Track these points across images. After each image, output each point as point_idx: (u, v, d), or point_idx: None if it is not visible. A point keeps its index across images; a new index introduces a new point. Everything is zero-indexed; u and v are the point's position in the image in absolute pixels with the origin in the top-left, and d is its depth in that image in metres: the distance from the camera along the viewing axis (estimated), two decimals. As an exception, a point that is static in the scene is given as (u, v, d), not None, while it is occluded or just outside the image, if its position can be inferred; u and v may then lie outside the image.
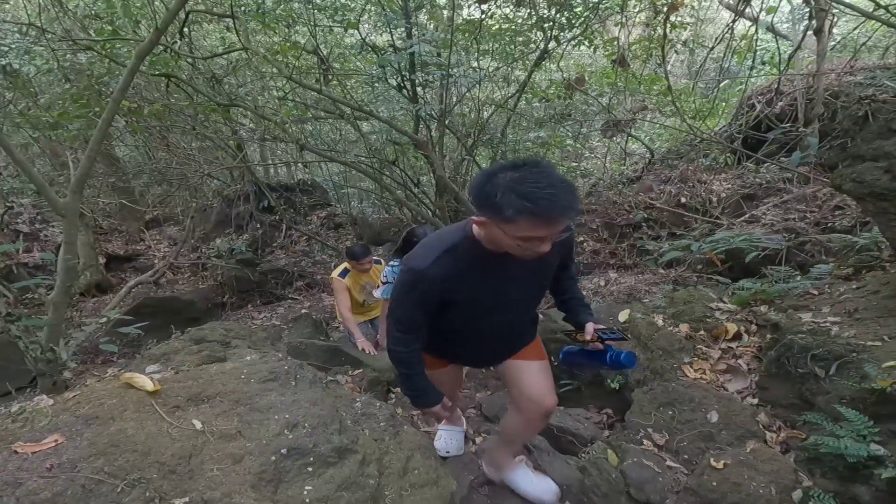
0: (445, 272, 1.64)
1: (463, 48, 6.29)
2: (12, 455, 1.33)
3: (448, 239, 1.70)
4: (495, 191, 1.40)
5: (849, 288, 3.02)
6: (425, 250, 1.70)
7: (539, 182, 1.38)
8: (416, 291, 1.70)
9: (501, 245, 1.53)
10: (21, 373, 3.84)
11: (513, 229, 1.43)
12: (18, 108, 5.24)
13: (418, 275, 1.66)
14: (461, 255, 1.66)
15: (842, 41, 7.31)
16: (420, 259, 1.67)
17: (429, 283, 1.65)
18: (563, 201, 1.38)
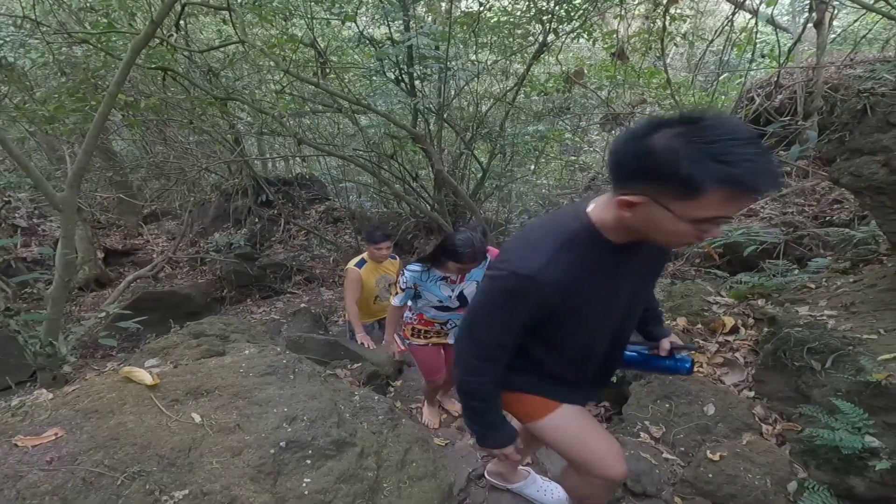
0: (566, 275, 1.23)
1: (461, 41, 6.26)
2: (13, 448, 1.34)
3: (562, 229, 1.28)
4: (672, 155, 0.99)
5: (846, 281, 3.04)
6: (531, 246, 1.28)
7: (733, 138, 0.98)
8: (520, 303, 1.27)
9: (659, 230, 1.12)
10: (21, 367, 3.85)
11: (695, 207, 1.02)
12: (14, 101, 5.22)
13: (527, 281, 1.22)
14: (583, 251, 1.25)
15: (842, 34, 7.29)
16: (527, 259, 1.24)
17: (541, 292, 1.23)
18: (768, 164, 0.99)
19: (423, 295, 2.78)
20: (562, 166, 9.36)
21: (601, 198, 1.27)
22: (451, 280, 2.70)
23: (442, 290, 2.73)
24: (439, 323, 2.93)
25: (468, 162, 7.96)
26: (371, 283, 4.10)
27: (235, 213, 8.97)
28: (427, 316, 2.89)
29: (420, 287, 2.74)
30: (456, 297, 2.77)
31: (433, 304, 2.80)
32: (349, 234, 8.77)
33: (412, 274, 2.72)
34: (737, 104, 6.98)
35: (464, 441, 2.89)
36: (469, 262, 2.48)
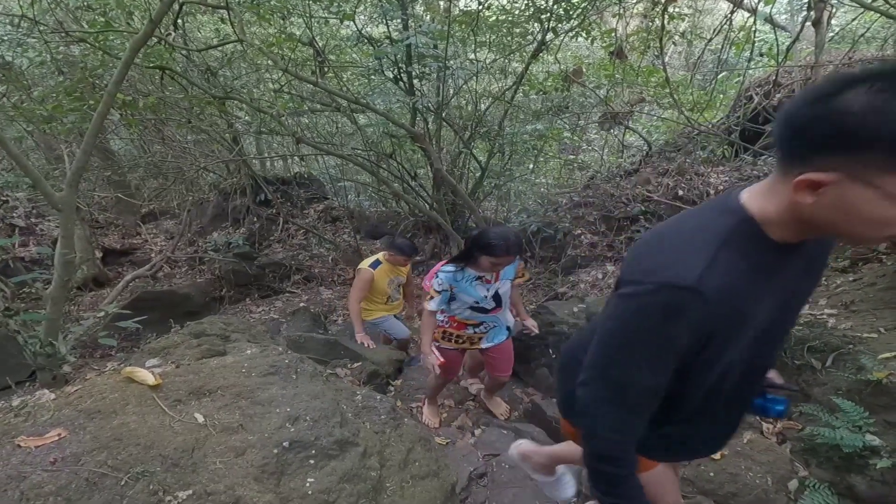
0: (733, 282, 0.93)
1: (460, 40, 6.24)
2: (16, 449, 1.34)
3: (713, 226, 0.97)
4: (879, 115, 0.75)
5: (846, 280, 3.04)
6: (678, 250, 0.97)
7: None
8: (677, 326, 0.94)
9: (854, 219, 0.84)
10: (20, 367, 3.84)
11: None
12: (12, 101, 5.20)
13: (686, 293, 0.91)
14: (744, 252, 0.95)
15: (840, 32, 7.30)
16: (680, 265, 0.93)
17: (706, 307, 0.92)
18: None
19: (457, 296, 2.76)
20: (561, 165, 9.35)
21: (758, 185, 0.98)
22: (486, 279, 2.70)
23: (477, 289, 2.72)
24: (472, 325, 2.90)
25: (467, 161, 7.95)
26: (383, 284, 4.11)
27: (234, 213, 8.95)
28: (461, 316, 2.86)
29: (455, 288, 2.72)
30: (491, 297, 2.77)
31: (469, 305, 2.79)
32: (348, 234, 8.76)
33: (447, 275, 2.67)
34: (735, 103, 7.00)
35: (464, 440, 2.90)
36: (503, 256, 2.50)
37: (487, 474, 2.51)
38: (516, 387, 3.89)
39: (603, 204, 6.23)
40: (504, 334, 3.05)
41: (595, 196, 6.49)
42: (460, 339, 2.96)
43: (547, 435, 2.88)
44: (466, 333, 2.93)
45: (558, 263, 6.05)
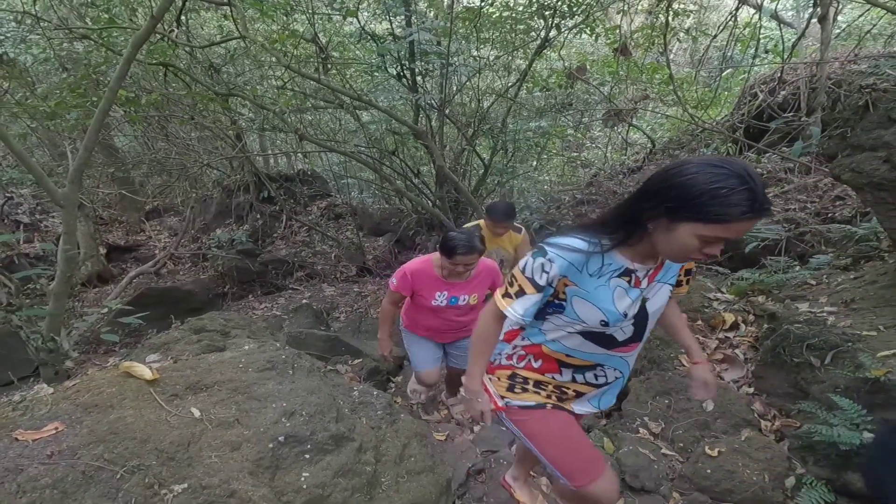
0: None
1: (463, 36, 6.24)
2: (13, 442, 1.35)
3: None
4: None
5: (847, 278, 3.03)
6: None
7: None
8: None
9: None
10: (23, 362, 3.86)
11: None
12: (16, 97, 5.23)
13: None
14: None
15: (846, 29, 7.25)
16: None
17: None
18: None
19: (569, 305, 1.42)
20: (564, 162, 9.35)
21: None
22: (637, 279, 1.38)
23: (616, 296, 1.38)
24: (576, 367, 1.55)
25: (470, 158, 7.96)
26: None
27: (237, 210, 8.98)
28: (556, 347, 1.52)
29: (573, 287, 1.39)
30: (633, 316, 1.43)
31: (583, 328, 1.44)
32: (351, 231, 8.78)
33: (562, 256, 1.36)
34: (740, 100, 6.96)
35: (463, 436, 2.91)
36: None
37: (485, 470, 2.52)
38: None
39: (606, 201, 6.22)
40: (615, 395, 1.72)
41: (598, 193, 6.49)
42: (542, 388, 1.61)
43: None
44: (558, 380, 1.58)
45: (560, 261, 6.04)
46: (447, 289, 2.74)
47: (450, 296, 2.76)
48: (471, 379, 1.59)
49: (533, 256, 1.40)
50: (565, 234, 1.41)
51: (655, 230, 1.25)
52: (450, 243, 2.51)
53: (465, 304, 2.80)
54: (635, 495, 2.26)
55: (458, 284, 2.75)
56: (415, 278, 2.72)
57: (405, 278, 2.73)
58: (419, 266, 2.74)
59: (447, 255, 2.54)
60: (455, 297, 2.77)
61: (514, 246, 3.65)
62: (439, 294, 2.75)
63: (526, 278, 1.41)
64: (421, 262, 2.76)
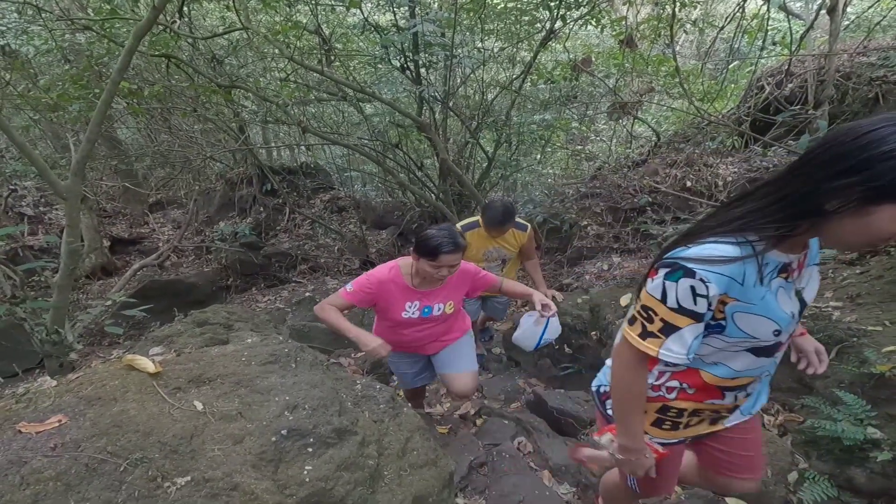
0: None
1: (467, 28, 6.19)
2: (17, 435, 1.36)
3: None
4: None
5: (852, 273, 3.01)
6: None
7: None
8: None
9: None
10: (28, 354, 3.89)
11: None
12: (18, 89, 5.23)
13: None
14: None
15: (856, 20, 7.17)
16: None
17: None
18: None
19: (726, 326, 1.18)
20: (568, 155, 9.30)
21: None
22: (791, 270, 1.19)
23: (781, 299, 1.17)
24: (736, 388, 1.33)
25: (473, 151, 7.92)
26: (475, 251, 3.27)
27: (240, 202, 8.98)
28: (720, 376, 1.29)
29: (733, 303, 1.14)
30: (798, 312, 1.24)
31: (753, 345, 1.22)
32: (354, 224, 8.77)
33: (723, 272, 1.09)
34: (746, 93, 6.91)
35: (466, 429, 2.91)
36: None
37: (488, 463, 2.52)
38: (519, 377, 3.90)
39: (610, 195, 6.20)
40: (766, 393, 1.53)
41: (602, 187, 6.45)
42: (698, 416, 1.39)
43: (549, 425, 2.89)
44: (718, 405, 1.37)
45: (564, 254, 6.04)
46: (418, 298, 2.39)
47: (422, 306, 2.41)
48: (630, 438, 1.32)
49: (670, 278, 1.10)
50: (698, 239, 1.12)
51: (840, 216, 0.96)
52: (431, 242, 2.15)
53: (439, 313, 2.46)
54: (638, 489, 2.25)
55: (429, 292, 2.40)
56: (381, 289, 2.35)
57: (367, 288, 2.34)
58: (385, 275, 2.36)
59: (429, 257, 2.18)
60: (428, 307, 2.42)
61: (520, 245, 3.37)
62: (409, 305, 2.39)
63: (672, 310, 1.11)
64: (387, 270, 2.38)
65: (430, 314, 2.45)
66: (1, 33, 4.68)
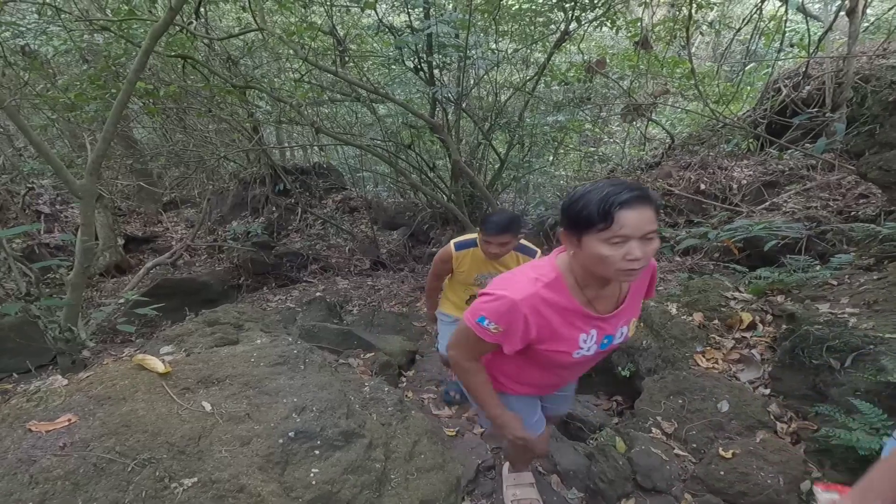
0: None
1: (481, 29, 6.18)
2: (27, 433, 1.37)
3: None
4: None
5: (869, 278, 2.96)
6: None
7: None
8: None
9: None
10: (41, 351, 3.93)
11: None
12: (37, 89, 5.30)
13: None
14: None
15: (875, 22, 7.07)
16: None
17: None
18: None
19: None
20: (581, 157, 9.25)
21: None
22: None
23: None
24: None
25: (486, 152, 7.91)
26: (466, 274, 2.87)
27: (253, 202, 9.05)
28: None
29: None
30: None
31: None
32: (365, 224, 8.80)
33: None
34: (763, 95, 6.83)
35: (473, 432, 2.90)
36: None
37: (495, 467, 2.51)
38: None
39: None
40: None
41: (615, 189, 6.40)
42: None
43: (557, 429, 2.87)
44: None
45: (575, 257, 5.99)
46: (596, 325, 1.48)
47: (601, 335, 1.51)
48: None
49: None
50: None
51: None
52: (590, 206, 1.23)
53: (620, 340, 1.60)
54: (646, 495, 2.24)
55: (613, 314, 1.50)
56: (539, 319, 1.41)
57: (516, 322, 1.40)
58: (541, 293, 1.40)
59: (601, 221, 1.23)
60: (609, 336, 1.53)
61: None
62: (586, 338, 1.49)
63: None
64: (541, 285, 1.40)
65: (610, 344, 1.56)
66: (21, 34, 4.74)
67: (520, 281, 1.43)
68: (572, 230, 1.31)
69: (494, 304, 1.41)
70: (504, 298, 1.39)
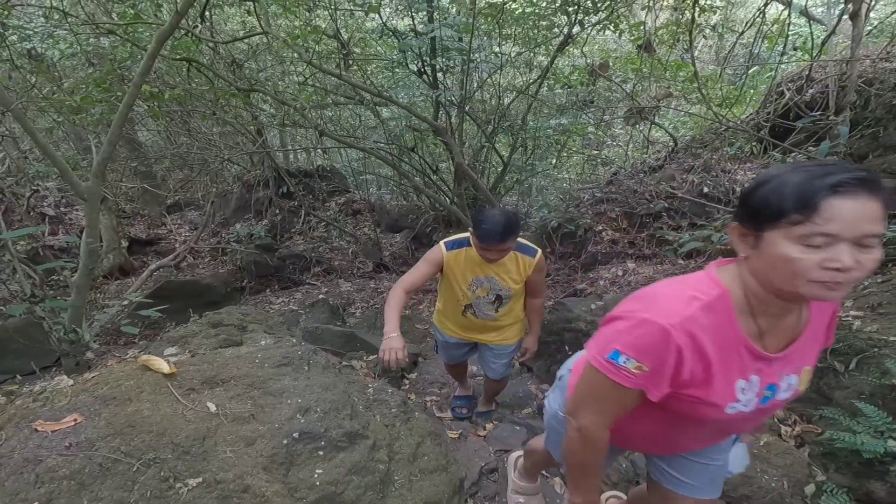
0: None
1: (485, 32, 6.20)
2: (33, 433, 1.38)
3: None
4: None
5: (874, 282, 2.95)
6: None
7: None
8: None
9: None
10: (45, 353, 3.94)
11: None
12: (43, 92, 5.34)
13: None
14: None
15: (878, 26, 7.06)
16: None
17: None
18: None
19: None
20: (584, 160, 9.26)
21: None
22: None
23: None
24: None
25: (489, 155, 7.92)
26: (459, 280, 2.49)
27: (256, 205, 9.08)
28: None
29: None
30: None
31: None
32: (368, 227, 8.81)
33: None
34: (766, 98, 6.82)
35: (476, 434, 2.90)
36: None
37: (498, 469, 2.51)
38: (531, 382, 3.88)
39: (626, 200, 6.14)
40: None
41: (618, 192, 6.40)
42: None
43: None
44: None
45: (578, 260, 6.00)
46: (759, 367, 1.07)
47: (764, 384, 1.09)
48: None
49: None
50: None
51: None
52: None
53: (786, 395, 1.15)
54: (651, 499, 2.23)
55: (785, 355, 1.08)
56: (695, 354, 1.02)
57: (667, 357, 1.01)
58: (700, 317, 1.01)
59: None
60: (772, 386, 1.10)
61: (525, 276, 2.46)
62: (745, 385, 1.07)
63: None
64: (701, 305, 1.02)
65: (773, 398, 1.12)
66: (28, 37, 4.78)
67: (667, 298, 1.04)
68: (750, 223, 0.96)
69: (634, 331, 1.03)
70: (649, 323, 1.00)
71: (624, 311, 1.07)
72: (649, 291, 1.09)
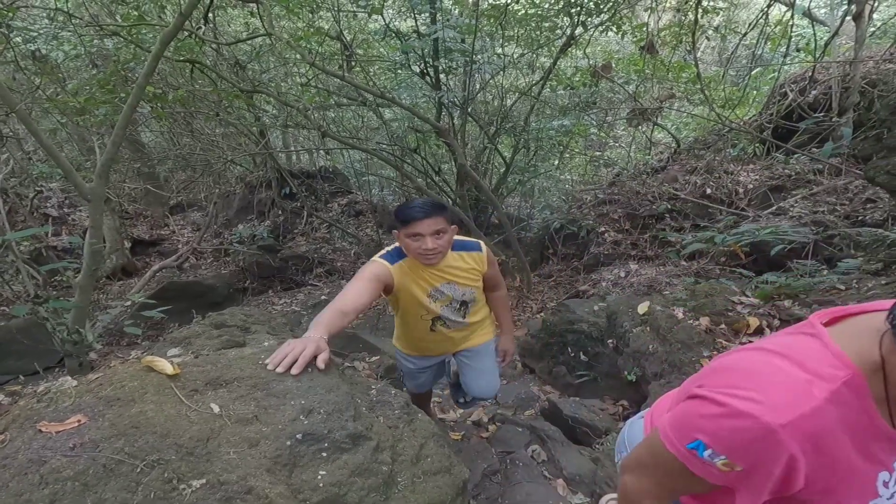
0: None
1: (488, 34, 6.21)
2: (37, 434, 1.37)
3: None
4: None
5: (877, 283, 2.94)
6: None
7: None
8: None
9: None
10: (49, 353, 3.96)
11: None
12: (47, 93, 5.35)
13: None
14: None
15: (882, 27, 7.05)
16: None
17: None
18: None
19: None
20: (586, 161, 9.25)
21: None
22: None
23: None
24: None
25: (491, 156, 7.92)
26: (415, 294, 2.19)
27: (259, 205, 9.09)
28: None
29: None
30: None
31: None
32: (371, 228, 8.82)
33: None
34: (769, 99, 6.81)
35: (479, 436, 2.89)
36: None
37: (501, 471, 2.50)
38: (533, 384, 3.87)
39: (628, 201, 6.14)
40: None
41: (620, 193, 6.40)
42: None
43: (563, 434, 2.86)
44: None
45: (580, 261, 6.00)
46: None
47: None
48: None
49: None
50: None
51: None
52: None
53: None
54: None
55: None
56: (817, 459, 0.77)
57: (771, 461, 0.76)
58: (828, 409, 0.75)
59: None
60: None
61: (480, 272, 2.28)
62: (888, 477, 0.84)
63: None
64: (828, 394, 0.76)
65: None
66: (32, 39, 4.79)
67: (774, 384, 0.79)
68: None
69: (727, 422, 0.79)
70: (748, 418, 0.77)
71: (714, 388, 0.83)
72: (746, 364, 0.85)
